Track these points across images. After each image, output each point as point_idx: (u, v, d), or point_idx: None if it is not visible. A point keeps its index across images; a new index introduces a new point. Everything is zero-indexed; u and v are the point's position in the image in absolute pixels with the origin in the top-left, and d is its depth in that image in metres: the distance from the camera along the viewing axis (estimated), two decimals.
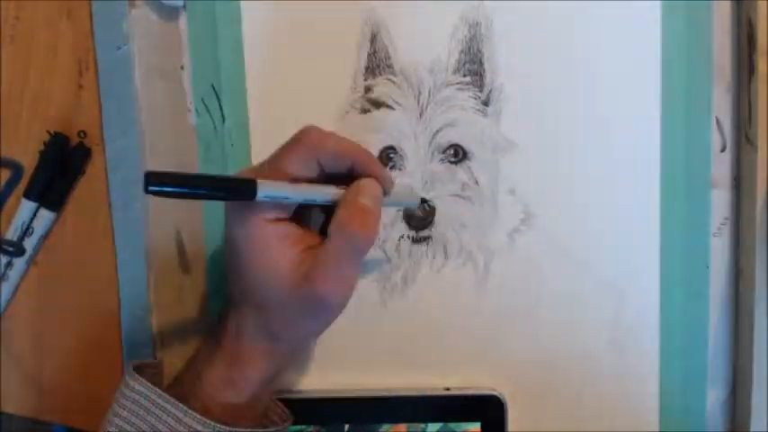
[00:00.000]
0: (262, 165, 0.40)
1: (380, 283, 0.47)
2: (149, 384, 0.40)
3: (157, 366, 0.46)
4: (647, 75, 0.45)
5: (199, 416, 0.39)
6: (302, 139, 0.39)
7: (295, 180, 0.38)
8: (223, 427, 0.39)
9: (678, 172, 0.46)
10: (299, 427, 0.47)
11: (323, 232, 0.40)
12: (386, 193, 0.40)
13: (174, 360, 0.47)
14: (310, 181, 0.39)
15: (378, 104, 0.46)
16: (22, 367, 0.49)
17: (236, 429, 0.40)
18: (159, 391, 0.40)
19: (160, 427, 0.39)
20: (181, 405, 0.39)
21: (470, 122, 0.46)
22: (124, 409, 0.40)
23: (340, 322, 0.46)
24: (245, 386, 0.41)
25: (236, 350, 0.41)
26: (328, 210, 0.40)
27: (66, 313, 0.49)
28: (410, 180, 0.46)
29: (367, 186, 0.39)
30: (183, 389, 0.41)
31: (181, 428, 0.39)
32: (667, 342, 0.47)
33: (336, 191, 0.39)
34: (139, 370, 0.42)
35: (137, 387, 0.40)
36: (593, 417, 0.48)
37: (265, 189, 0.35)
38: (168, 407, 0.40)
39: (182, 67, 0.47)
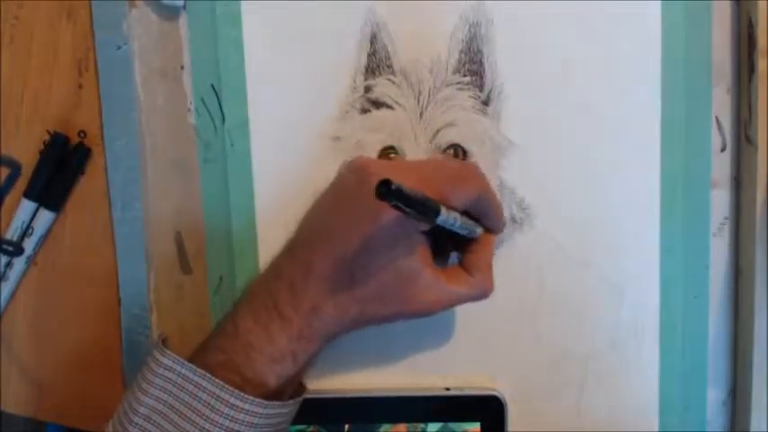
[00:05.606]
0: (406, 167, 0.43)
1: None
2: (181, 359, 0.40)
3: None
4: (648, 75, 0.46)
5: (237, 391, 0.39)
6: (471, 180, 0.42)
7: (452, 209, 0.40)
8: (261, 400, 0.39)
9: (678, 172, 0.46)
10: (299, 427, 0.47)
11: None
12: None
13: None
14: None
15: (378, 104, 0.46)
16: (22, 367, 0.49)
17: (272, 402, 0.40)
18: (194, 367, 0.39)
19: (195, 404, 0.39)
20: (217, 380, 0.39)
21: (470, 122, 0.46)
22: (154, 387, 0.40)
23: None
24: (303, 359, 0.42)
25: (308, 327, 0.41)
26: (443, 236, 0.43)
27: (67, 313, 0.49)
28: None
29: (494, 243, 0.44)
30: (231, 362, 0.40)
31: (218, 405, 0.39)
32: (667, 342, 0.47)
33: (481, 230, 0.43)
34: (166, 344, 0.41)
35: (167, 362, 0.40)
36: (594, 417, 0.48)
37: (444, 216, 0.38)
38: (204, 383, 0.39)
39: (182, 67, 0.47)
